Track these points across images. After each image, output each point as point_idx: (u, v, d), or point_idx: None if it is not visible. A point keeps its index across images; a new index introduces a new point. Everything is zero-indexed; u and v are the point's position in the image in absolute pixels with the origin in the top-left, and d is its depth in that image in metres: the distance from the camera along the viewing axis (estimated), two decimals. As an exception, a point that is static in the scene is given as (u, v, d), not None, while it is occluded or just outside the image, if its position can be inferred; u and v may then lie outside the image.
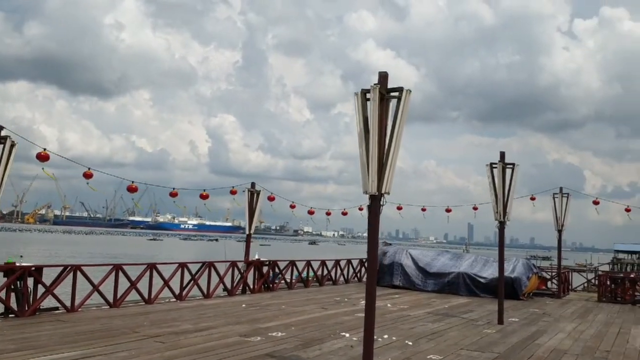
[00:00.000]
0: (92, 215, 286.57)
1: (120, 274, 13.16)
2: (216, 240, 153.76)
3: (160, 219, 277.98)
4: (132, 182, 13.92)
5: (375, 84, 7.23)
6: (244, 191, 17.64)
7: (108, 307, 12.81)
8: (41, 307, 11.46)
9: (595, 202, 20.96)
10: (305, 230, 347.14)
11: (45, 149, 11.76)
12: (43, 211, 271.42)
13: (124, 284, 13.38)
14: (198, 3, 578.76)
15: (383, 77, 7.37)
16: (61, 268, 12.11)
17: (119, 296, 13.10)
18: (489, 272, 20.16)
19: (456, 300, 18.15)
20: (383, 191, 7.22)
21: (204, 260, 16.00)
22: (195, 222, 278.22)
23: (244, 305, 14.14)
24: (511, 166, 13.70)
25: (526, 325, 13.19)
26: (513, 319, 14.04)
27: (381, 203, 7.26)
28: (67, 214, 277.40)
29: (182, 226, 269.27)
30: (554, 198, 20.54)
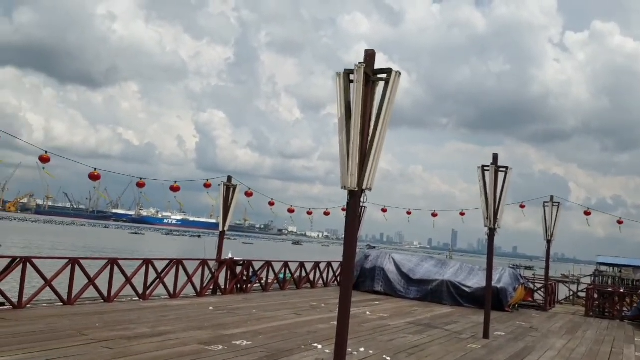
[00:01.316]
0: (75, 206, 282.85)
1: (78, 269, 12.09)
2: (198, 236, 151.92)
3: (144, 212, 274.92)
4: (95, 169, 12.89)
5: (360, 63, 6.26)
6: (219, 185, 16.63)
7: (61, 304, 11.72)
8: (-17, 303, 10.36)
9: (587, 213, 20.14)
10: (289, 230, 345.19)
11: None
12: (25, 200, 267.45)
13: (82, 279, 12.34)
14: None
15: (370, 56, 6.42)
16: (9, 260, 10.99)
17: (75, 293, 12.02)
18: (474, 281, 19.33)
19: (439, 310, 17.26)
20: (364, 187, 6.26)
21: (172, 258, 14.94)
22: (179, 217, 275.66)
23: (211, 308, 13.10)
24: (504, 170, 12.83)
25: (513, 341, 12.31)
26: (499, 333, 13.15)
27: (362, 200, 6.30)
28: (50, 204, 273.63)
29: (166, 221, 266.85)
30: (544, 207, 19.77)
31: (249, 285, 17.37)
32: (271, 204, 19.20)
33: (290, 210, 20.26)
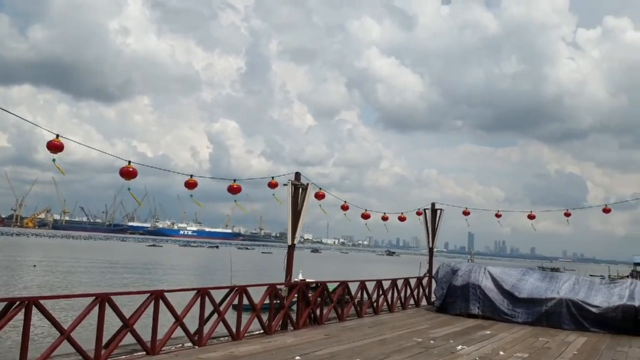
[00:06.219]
0: (91, 220, 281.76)
1: (109, 309, 8.26)
2: (217, 247, 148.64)
3: (160, 224, 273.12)
4: (129, 162, 9.11)
5: None
6: (285, 185, 12.80)
7: (87, 364, 7.89)
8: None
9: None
10: (305, 237, 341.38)
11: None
12: (42, 215, 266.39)
13: (114, 320, 8.53)
14: (204, 9, 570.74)
15: None
16: (4, 304, 7.14)
17: (104, 344, 8.19)
18: (600, 298, 15.24)
19: (572, 340, 13.20)
20: None
21: (234, 285, 11.03)
22: (194, 228, 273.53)
23: (297, 358, 9.19)
24: None
25: None
26: None
27: None
28: (67, 218, 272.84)
29: (182, 232, 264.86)
30: None
31: (324, 314, 13.47)
32: (344, 207, 15.38)
33: (365, 216, 16.41)
